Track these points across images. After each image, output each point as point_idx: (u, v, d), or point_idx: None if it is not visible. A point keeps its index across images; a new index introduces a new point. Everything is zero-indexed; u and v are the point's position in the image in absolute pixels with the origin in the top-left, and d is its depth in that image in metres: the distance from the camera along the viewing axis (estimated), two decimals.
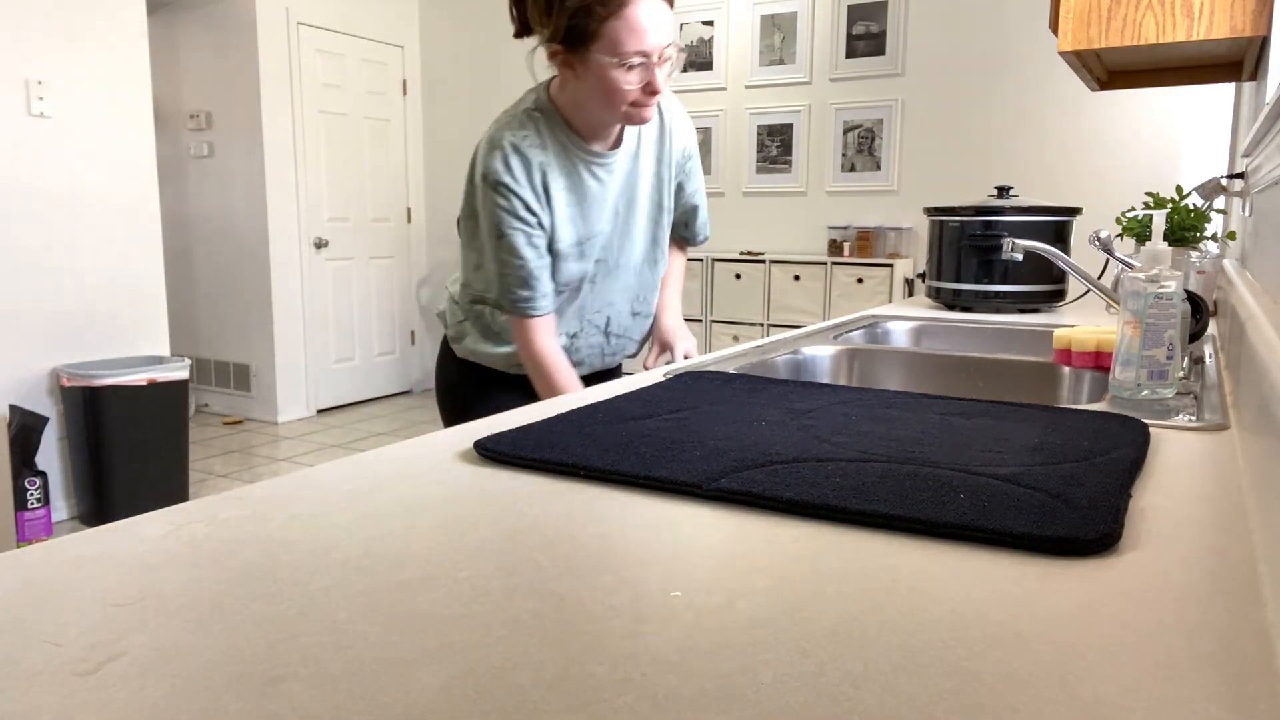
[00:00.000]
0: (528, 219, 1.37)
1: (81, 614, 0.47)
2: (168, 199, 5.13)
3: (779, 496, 0.64)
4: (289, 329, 4.99)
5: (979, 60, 4.09)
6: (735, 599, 0.49)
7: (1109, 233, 1.38)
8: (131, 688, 0.40)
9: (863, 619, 0.47)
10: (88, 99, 3.40)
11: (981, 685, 0.40)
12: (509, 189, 1.35)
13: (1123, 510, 0.61)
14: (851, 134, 4.40)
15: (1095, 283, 1.44)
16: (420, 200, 5.77)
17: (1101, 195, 3.84)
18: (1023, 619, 0.47)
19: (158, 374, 3.36)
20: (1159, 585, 0.51)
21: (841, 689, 0.40)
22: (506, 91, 5.39)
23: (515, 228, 1.36)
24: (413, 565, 0.54)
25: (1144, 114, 3.79)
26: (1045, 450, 0.77)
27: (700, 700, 0.39)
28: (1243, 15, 1.46)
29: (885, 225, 4.29)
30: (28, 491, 3.12)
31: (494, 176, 1.35)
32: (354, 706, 0.38)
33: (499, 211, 1.36)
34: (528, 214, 1.36)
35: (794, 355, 1.44)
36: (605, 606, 0.48)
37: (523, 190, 1.36)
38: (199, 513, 0.63)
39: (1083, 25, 1.60)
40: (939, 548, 0.57)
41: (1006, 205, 2.09)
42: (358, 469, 0.74)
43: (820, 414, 0.91)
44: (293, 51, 4.89)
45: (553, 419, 0.88)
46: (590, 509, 0.65)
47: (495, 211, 1.36)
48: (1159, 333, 0.98)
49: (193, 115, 5.01)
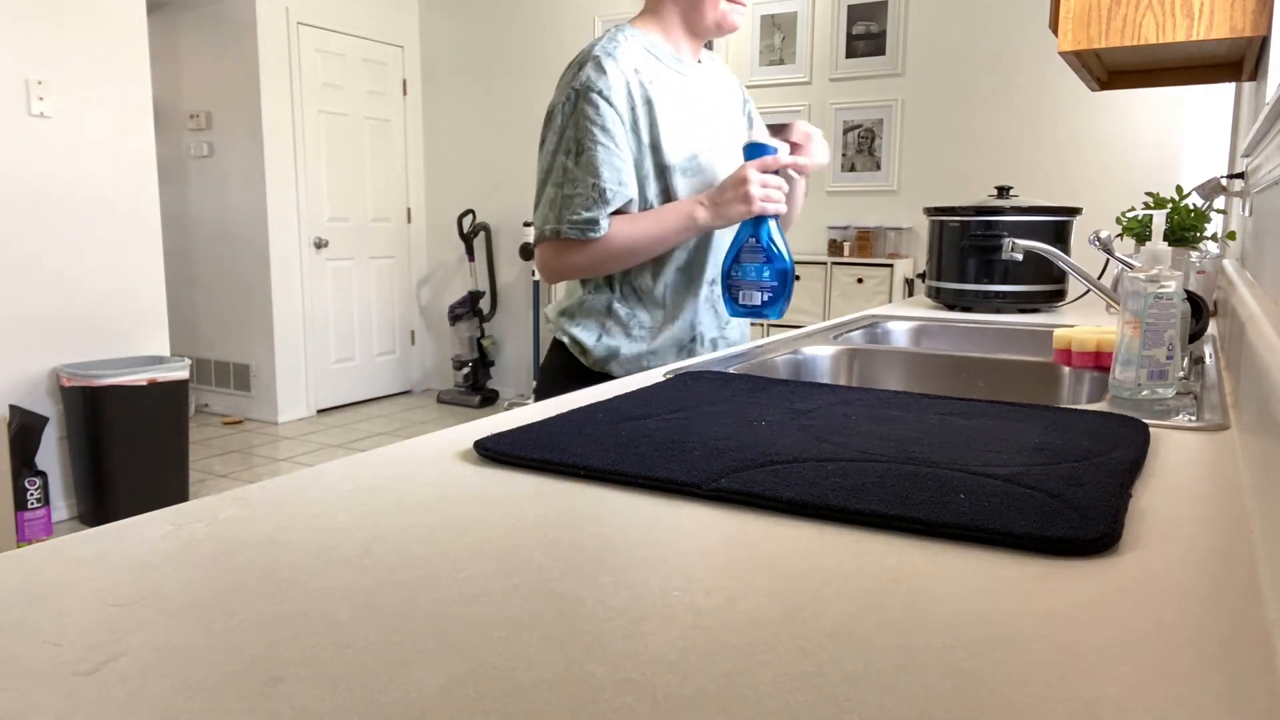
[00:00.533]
0: (613, 130, 1.31)
1: (81, 614, 0.47)
2: (168, 199, 5.13)
3: (779, 496, 0.64)
4: (289, 329, 4.99)
5: (979, 60, 4.09)
6: (735, 599, 0.49)
7: (1109, 233, 1.38)
8: (131, 688, 0.40)
9: (863, 619, 0.47)
10: (88, 99, 3.40)
11: (981, 685, 0.40)
12: (600, 94, 1.30)
13: (1123, 510, 0.61)
14: (851, 134, 4.40)
15: (1095, 283, 1.44)
16: (420, 200, 5.77)
17: (1101, 195, 3.84)
18: (1023, 619, 0.47)
19: (158, 374, 3.36)
20: (1159, 585, 0.51)
21: (841, 689, 0.40)
22: (507, 91, 5.39)
23: (600, 141, 1.30)
24: (413, 565, 0.54)
25: (1144, 114, 3.79)
26: (1045, 450, 0.77)
27: (700, 700, 0.39)
28: (1243, 15, 1.46)
29: (885, 225, 4.29)
30: (28, 491, 3.12)
31: (586, 85, 1.31)
32: (354, 706, 0.38)
33: (585, 123, 1.31)
34: (614, 125, 1.31)
35: (794, 355, 1.44)
36: (605, 606, 0.48)
37: (614, 96, 1.31)
38: (199, 513, 0.63)
39: (1083, 25, 1.60)
40: (939, 548, 0.57)
41: (1006, 205, 2.09)
42: (358, 469, 0.74)
43: (820, 414, 0.91)
44: (293, 51, 4.89)
45: (553, 419, 0.88)
46: (590, 509, 0.65)
47: (581, 123, 1.31)
48: (1159, 333, 0.98)
49: (193, 115, 5.01)
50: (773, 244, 1.35)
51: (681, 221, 1.34)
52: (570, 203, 1.32)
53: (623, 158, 1.33)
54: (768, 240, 1.35)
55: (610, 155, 1.31)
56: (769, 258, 1.35)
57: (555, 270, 1.38)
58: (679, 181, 1.38)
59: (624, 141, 1.33)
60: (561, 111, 1.34)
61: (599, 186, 1.31)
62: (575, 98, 1.32)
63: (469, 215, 5.51)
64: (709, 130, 1.43)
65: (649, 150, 1.36)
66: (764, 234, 1.35)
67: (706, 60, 1.50)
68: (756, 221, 1.34)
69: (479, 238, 5.50)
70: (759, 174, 1.30)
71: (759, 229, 1.35)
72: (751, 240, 1.35)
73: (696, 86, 1.44)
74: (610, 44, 1.35)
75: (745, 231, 1.36)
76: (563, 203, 1.33)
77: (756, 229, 1.35)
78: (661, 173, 1.37)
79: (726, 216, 1.33)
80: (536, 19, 5.26)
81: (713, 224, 1.34)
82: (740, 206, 1.31)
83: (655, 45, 1.40)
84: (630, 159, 1.34)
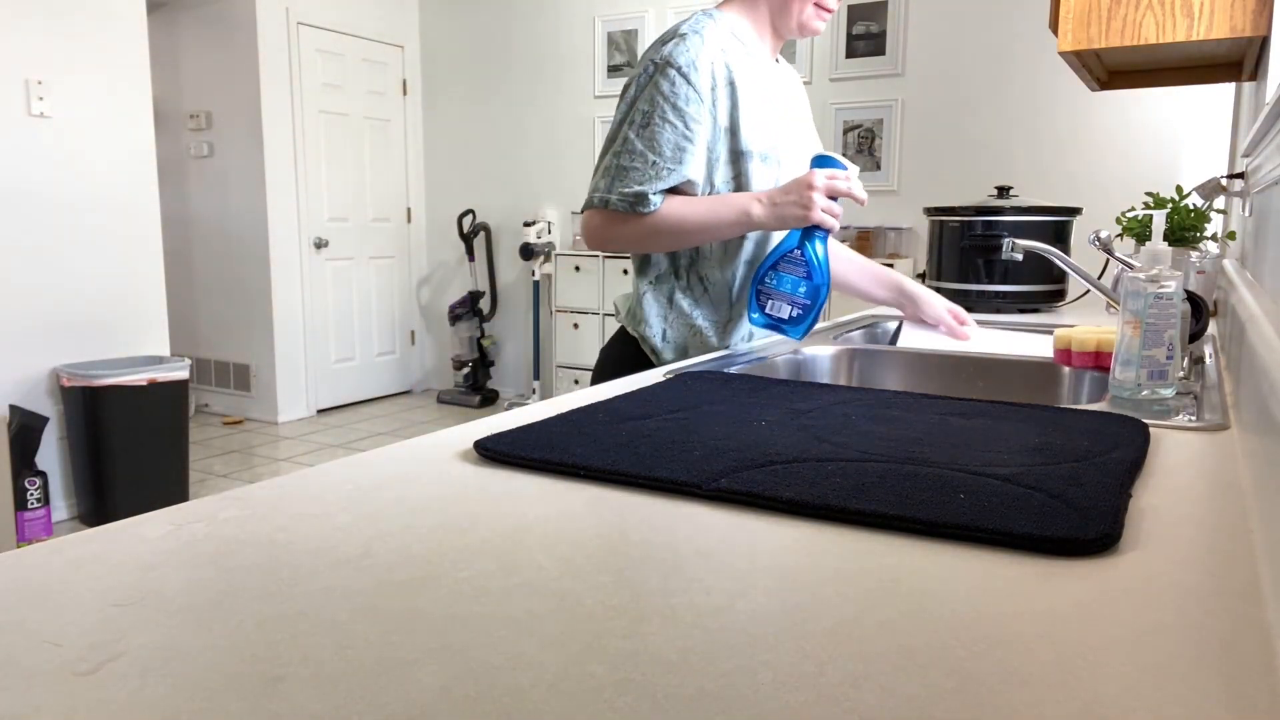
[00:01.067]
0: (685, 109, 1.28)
1: (81, 614, 0.47)
2: (168, 199, 5.12)
3: (779, 496, 0.64)
4: (289, 329, 4.99)
5: (979, 60, 4.09)
6: (735, 599, 0.49)
7: (1109, 233, 1.38)
8: (131, 688, 0.40)
9: (863, 619, 0.47)
10: (88, 99, 3.40)
11: (981, 685, 0.40)
12: (679, 70, 1.28)
13: (1123, 510, 0.61)
14: (851, 134, 4.40)
15: (1095, 283, 1.44)
16: (420, 200, 5.77)
17: (1101, 195, 3.84)
18: (1023, 619, 0.47)
19: (158, 374, 3.36)
20: (1159, 585, 0.51)
21: (841, 689, 0.40)
22: (507, 91, 5.39)
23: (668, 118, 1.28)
24: (413, 565, 0.54)
25: (1144, 114, 3.79)
26: (1045, 450, 0.77)
27: (700, 700, 0.39)
28: (1243, 15, 1.46)
29: (885, 225, 4.29)
30: (28, 491, 3.12)
31: (669, 59, 1.28)
32: (354, 706, 0.38)
33: (657, 96, 1.28)
34: (689, 104, 1.28)
35: (794, 355, 1.44)
36: (605, 606, 0.48)
37: (695, 73, 1.28)
38: (199, 513, 0.63)
39: (1083, 25, 1.60)
40: (939, 548, 0.57)
41: (1006, 205, 2.09)
42: (358, 469, 0.74)
43: (820, 414, 0.91)
44: (293, 51, 4.89)
45: (553, 419, 0.88)
46: (590, 509, 0.65)
47: (654, 96, 1.29)
48: (1159, 333, 0.98)
49: (193, 115, 5.01)
50: (816, 259, 1.30)
51: (735, 215, 1.30)
52: (625, 174, 1.30)
53: (689, 137, 1.29)
54: (812, 254, 1.30)
55: (675, 133, 1.28)
56: (809, 273, 1.30)
57: (600, 239, 1.35)
58: (754, 168, 1.34)
59: (698, 121, 1.30)
60: (637, 83, 1.32)
61: (656, 162, 1.28)
62: (653, 70, 1.30)
63: (469, 215, 5.51)
64: (786, 128, 1.41)
65: (725, 133, 1.33)
66: (810, 247, 1.30)
67: (785, 66, 1.50)
68: (808, 232, 1.29)
69: (479, 238, 5.50)
70: (826, 184, 1.25)
71: (808, 240, 1.30)
72: (796, 251, 1.30)
73: (777, 82, 1.42)
74: (698, 23, 1.33)
75: (792, 240, 1.31)
76: (617, 173, 1.30)
77: (805, 240, 1.30)
78: (736, 158, 1.34)
79: (782, 218, 1.28)
80: (536, 19, 5.25)
81: (766, 223, 1.29)
82: (799, 211, 1.26)
83: (743, 32, 1.38)
84: (702, 140, 1.31)
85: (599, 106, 5.10)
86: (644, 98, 1.30)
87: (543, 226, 5.19)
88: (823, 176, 1.25)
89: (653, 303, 1.42)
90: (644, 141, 1.29)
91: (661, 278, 1.41)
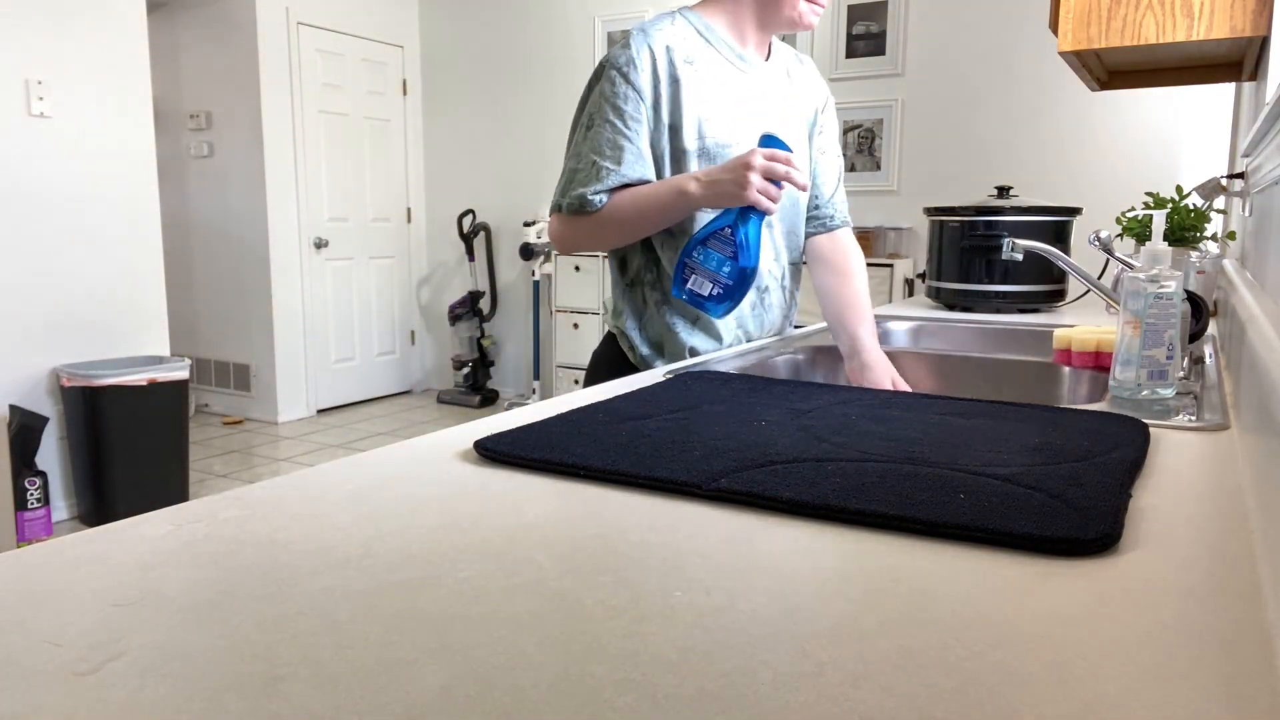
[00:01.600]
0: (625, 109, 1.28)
1: (81, 614, 0.47)
2: (168, 199, 5.13)
3: (779, 496, 0.64)
4: (289, 329, 4.99)
5: (979, 60, 4.09)
6: (735, 599, 0.49)
7: (1109, 233, 1.38)
8: (131, 688, 0.40)
9: (863, 619, 0.47)
10: (88, 99, 3.40)
11: (981, 685, 0.40)
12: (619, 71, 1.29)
13: (1123, 510, 0.61)
14: (851, 134, 4.40)
15: (1095, 283, 1.44)
16: (420, 200, 5.77)
17: (1101, 195, 3.84)
18: (1023, 619, 0.47)
19: (158, 374, 3.36)
20: (1159, 585, 0.51)
21: (841, 689, 0.40)
22: (506, 91, 5.39)
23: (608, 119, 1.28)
24: (413, 565, 0.54)
25: (1144, 114, 3.79)
26: (1045, 450, 0.77)
27: (700, 700, 0.39)
28: (1243, 15, 1.46)
29: (885, 225, 4.29)
30: (28, 491, 3.12)
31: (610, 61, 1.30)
32: (354, 706, 0.38)
33: (600, 100, 1.30)
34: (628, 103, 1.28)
35: (794, 355, 1.44)
36: (605, 606, 0.48)
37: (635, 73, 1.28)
38: (199, 513, 0.63)
39: (1083, 25, 1.60)
40: (939, 548, 0.57)
41: (1006, 205, 2.09)
42: (358, 469, 0.74)
43: (820, 414, 0.91)
44: (293, 51, 4.89)
45: (553, 419, 0.88)
46: (590, 509, 0.65)
47: (598, 100, 1.30)
48: (1159, 333, 0.98)
49: (193, 115, 5.01)
50: (747, 241, 1.26)
51: (672, 196, 1.28)
52: (573, 178, 1.32)
53: (630, 137, 1.29)
54: (744, 236, 1.26)
55: (615, 134, 1.29)
56: (736, 253, 1.26)
57: (561, 242, 1.38)
58: (695, 167, 1.33)
59: (637, 119, 1.30)
60: (588, 86, 1.34)
61: (597, 164, 1.29)
62: (599, 73, 1.31)
63: (469, 215, 5.51)
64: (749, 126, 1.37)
65: (667, 131, 1.33)
66: (744, 229, 1.26)
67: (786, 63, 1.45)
68: (743, 212, 1.25)
69: (479, 238, 5.50)
70: (764, 164, 1.21)
71: (742, 222, 1.26)
72: (727, 230, 1.26)
73: (752, 81, 1.39)
74: (650, 23, 1.33)
75: (726, 219, 1.27)
76: (567, 177, 1.33)
77: (740, 220, 1.26)
78: (678, 156, 1.33)
79: (717, 196, 1.25)
80: (536, 19, 5.26)
81: (703, 202, 1.27)
82: (734, 189, 1.22)
83: (713, 30, 1.36)
84: (643, 138, 1.31)
85: None
86: (591, 101, 1.32)
87: (543, 226, 5.19)
88: (761, 157, 1.20)
89: (629, 302, 1.42)
90: (589, 145, 1.30)
91: (635, 278, 1.41)
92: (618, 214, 1.31)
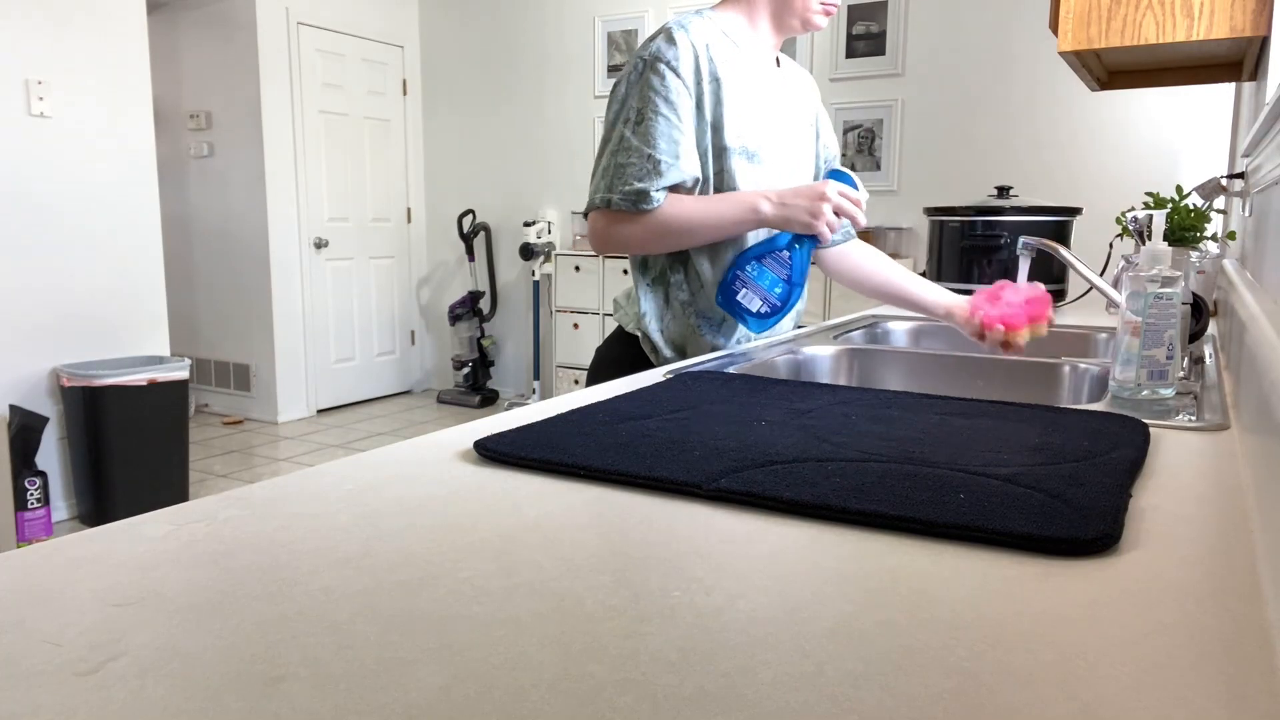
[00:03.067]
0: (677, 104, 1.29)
1: (81, 614, 0.47)
2: (168, 199, 5.13)
3: (779, 496, 0.64)
4: (289, 329, 4.99)
5: (979, 60, 4.09)
6: (735, 599, 0.49)
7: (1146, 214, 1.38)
8: (131, 688, 0.40)
9: (863, 619, 0.47)
10: (88, 99, 3.40)
11: (981, 685, 0.40)
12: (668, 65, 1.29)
13: (1123, 510, 0.61)
14: (851, 134, 4.40)
15: (1099, 282, 1.44)
16: (420, 200, 5.77)
17: (1101, 195, 3.84)
18: (1023, 619, 0.47)
19: (158, 374, 3.36)
20: (1159, 585, 0.51)
21: (841, 689, 0.40)
22: (506, 91, 5.39)
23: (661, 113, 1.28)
24: (413, 565, 0.54)
25: (1144, 114, 3.79)
26: (1045, 450, 0.77)
27: (700, 700, 0.39)
28: (1243, 15, 1.46)
29: (885, 225, 4.29)
30: (28, 491, 3.12)
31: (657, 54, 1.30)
32: (354, 706, 0.38)
33: (649, 92, 1.29)
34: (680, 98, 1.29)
35: (794, 355, 1.44)
36: (605, 606, 0.48)
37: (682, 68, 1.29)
38: (199, 513, 0.63)
39: (1083, 25, 1.60)
40: (939, 548, 0.57)
41: (1007, 205, 2.09)
42: (358, 469, 0.74)
43: (820, 414, 0.91)
44: (293, 51, 4.89)
45: (553, 419, 0.88)
46: (590, 509, 0.65)
47: (645, 93, 1.29)
48: (1159, 333, 0.98)
49: (193, 115, 5.01)
50: (800, 264, 1.32)
51: (743, 212, 1.31)
52: (623, 172, 1.30)
53: (683, 131, 1.30)
54: (798, 259, 1.32)
55: (670, 128, 1.29)
56: (790, 275, 1.32)
57: (606, 240, 1.35)
58: (736, 165, 1.35)
59: (688, 115, 1.31)
60: (626, 80, 1.32)
61: (654, 158, 1.28)
62: (643, 67, 1.31)
63: (469, 215, 5.51)
64: (775, 127, 1.41)
65: (710, 129, 1.34)
66: (800, 253, 1.32)
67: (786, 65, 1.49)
68: (802, 239, 1.32)
69: (479, 238, 5.50)
70: (837, 199, 1.27)
71: (799, 244, 1.32)
72: (784, 252, 1.32)
73: (771, 81, 1.42)
74: (685, 20, 1.33)
75: (784, 240, 1.32)
76: (615, 171, 1.31)
77: (797, 244, 1.32)
78: (719, 154, 1.34)
79: (788, 220, 1.29)
80: (537, 19, 5.25)
81: (773, 222, 1.31)
82: (806, 218, 1.27)
83: (734, 30, 1.38)
84: (692, 134, 1.32)
85: (599, 106, 5.10)
86: (635, 95, 1.31)
87: (543, 226, 5.19)
88: (836, 191, 1.28)
89: (652, 301, 1.42)
90: (640, 138, 1.29)
91: (659, 277, 1.41)
92: (677, 217, 1.31)
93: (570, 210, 5.25)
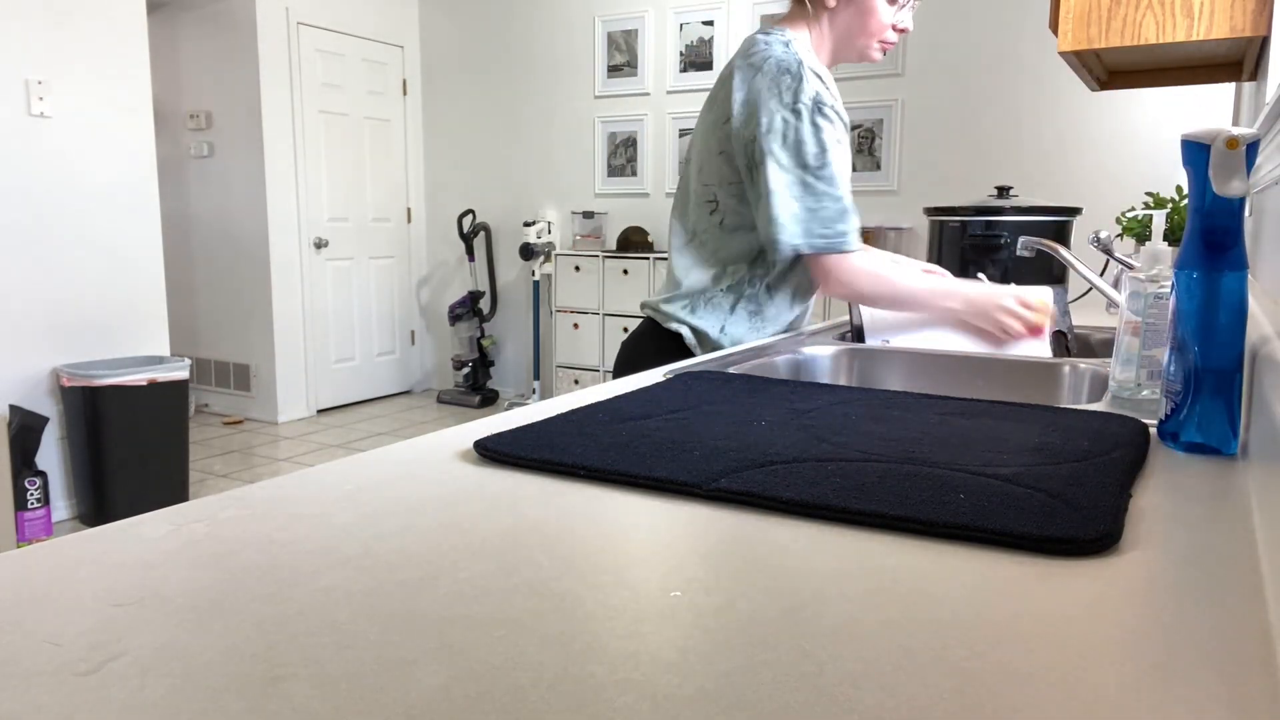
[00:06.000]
0: (844, 141, 1.33)
1: (81, 614, 0.47)
2: (168, 199, 5.13)
3: (779, 496, 0.64)
4: (289, 329, 4.99)
5: (979, 60, 4.09)
6: (735, 599, 0.49)
7: (1109, 233, 1.39)
8: (131, 688, 0.40)
9: (863, 619, 0.47)
10: (88, 99, 3.40)
11: (981, 685, 0.40)
12: (835, 111, 1.31)
13: (1123, 510, 0.61)
14: (851, 134, 4.40)
15: (1099, 282, 1.44)
16: (420, 200, 5.77)
17: (1101, 195, 3.84)
18: (1023, 619, 0.47)
19: (158, 374, 3.36)
20: (1159, 585, 0.51)
21: (841, 689, 0.40)
22: (507, 92, 5.39)
23: (840, 157, 1.31)
24: (413, 565, 0.54)
25: (1144, 114, 3.79)
26: (1045, 450, 0.77)
27: (700, 700, 0.39)
28: (1243, 15, 1.46)
29: (885, 225, 4.29)
30: (28, 491, 3.12)
31: (818, 98, 1.30)
32: (354, 706, 0.38)
33: (824, 138, 1.30)
34: (844, 136, 1.33)
35: (794, 355, 1.44)
36: (605, 606, 0.48)
37: (841, 112, 1.33)
38: (199, 513, 0.63)
39: (1083, 25, 1.60)
40: (939, 548, 0.57)
41: (1007, 205, 2.09)
42: (358, 469, 0.74)
43: (820, 414, 0.91)
44: (293, 51, 4.89)
45: (553, 419, 0.88)
46: (590, 509, 0.65)
47: (820, 138, 1.30)
48: (1159, 333, 0.98)
49: (193, 115, 5.01)
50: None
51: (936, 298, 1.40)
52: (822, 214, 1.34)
53: (849, 164, 1.36)
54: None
55: (845, 165, 1.35)
56: None
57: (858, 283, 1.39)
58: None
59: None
60: (791, 125, 1.32)
61: (843, 201, 1.34)
62: (811, 111, 1.31)
63: (469, 215, 5.51)
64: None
65: None
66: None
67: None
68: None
69: (479, 238, 5.50)
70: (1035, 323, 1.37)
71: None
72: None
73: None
74: (793, 53, 1.33)
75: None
76: (808, 215, 1.34)
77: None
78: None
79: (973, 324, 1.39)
80: (537, 19, 5.25)
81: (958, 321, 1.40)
82: (995, 329, 1.37)
83: (813, 60, 1.40)
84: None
85: (599, 107, 5.10)
86: (809, 139, 1.32)
87: (543, 226, 5.19)
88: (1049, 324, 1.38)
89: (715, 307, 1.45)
90: (826, 181, 1.33)
91: (733, 286, 1.44)
92: (884, 280, 1.37)
93: (570, 210, 5.25)
